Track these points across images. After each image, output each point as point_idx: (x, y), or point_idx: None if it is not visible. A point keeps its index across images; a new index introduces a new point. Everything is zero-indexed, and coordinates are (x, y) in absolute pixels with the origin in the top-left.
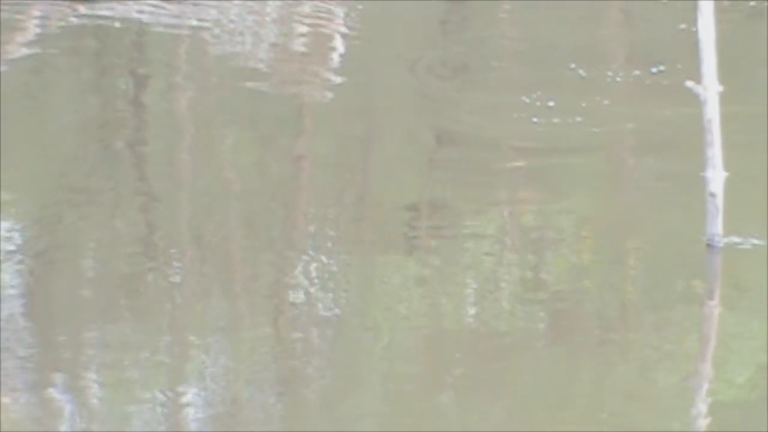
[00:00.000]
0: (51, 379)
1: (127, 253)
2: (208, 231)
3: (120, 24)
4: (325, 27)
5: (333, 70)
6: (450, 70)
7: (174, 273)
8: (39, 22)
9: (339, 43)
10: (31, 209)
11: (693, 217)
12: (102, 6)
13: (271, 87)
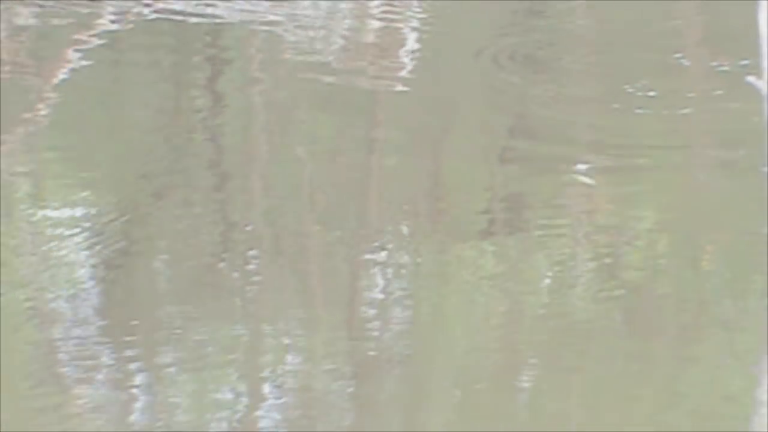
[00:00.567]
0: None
1: (204, 245)
2: (283, 222)
3: (195, 19)
4: (397, 20)
5: (405, 62)
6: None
7: (250, 265)
8: (113, 18)
9: (411, 36)
10: (110, 200)
11: None
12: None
13: (343, 79)
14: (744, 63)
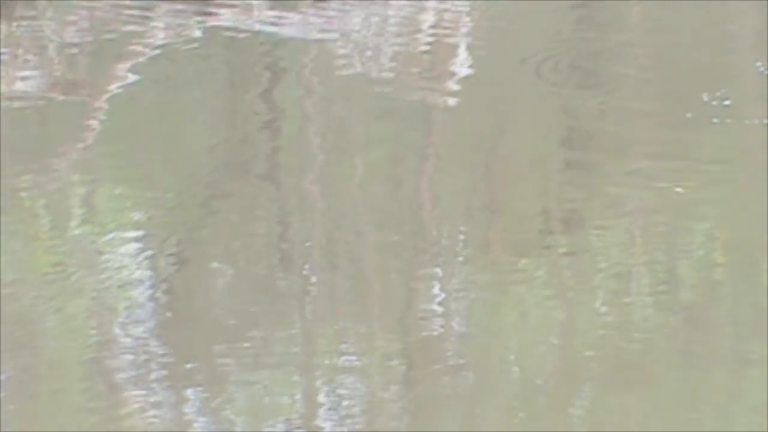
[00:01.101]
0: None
1: (261, 257)
2: (340, 234)
3: (245, 35)
4: (449, 32)
5: (456, 75)
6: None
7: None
8: (164, 34)
9: (462, 48)
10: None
11: None
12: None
13: (396, 91)
14: None
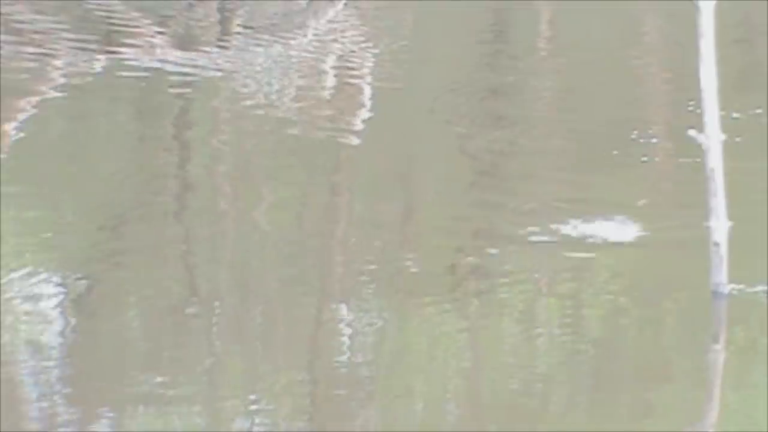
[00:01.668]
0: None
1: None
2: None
3: (146, 73)
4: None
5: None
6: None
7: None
8: (63, 71)
9: (366, 88)
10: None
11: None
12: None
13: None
14: None
